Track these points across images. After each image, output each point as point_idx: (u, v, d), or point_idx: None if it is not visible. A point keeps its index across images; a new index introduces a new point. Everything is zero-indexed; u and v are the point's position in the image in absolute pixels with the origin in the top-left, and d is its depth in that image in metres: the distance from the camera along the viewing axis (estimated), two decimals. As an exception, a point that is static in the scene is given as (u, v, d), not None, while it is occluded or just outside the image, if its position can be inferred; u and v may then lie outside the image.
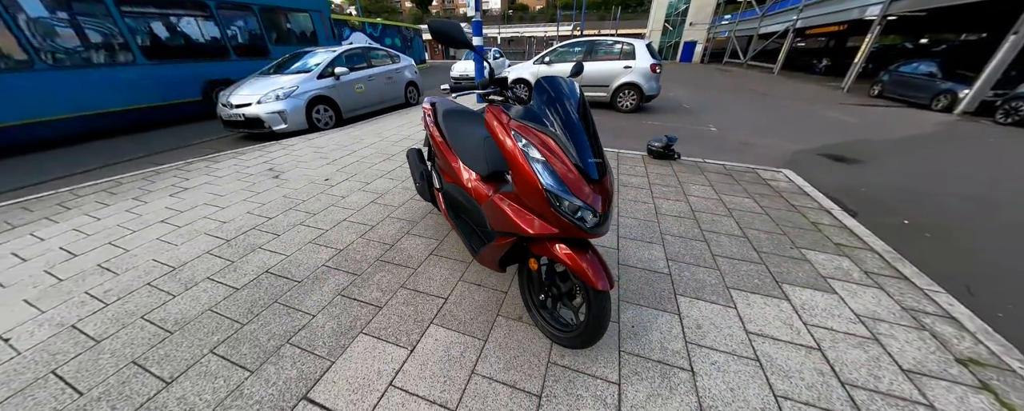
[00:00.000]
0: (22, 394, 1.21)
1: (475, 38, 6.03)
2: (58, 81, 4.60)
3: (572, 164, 1.02)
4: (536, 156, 1.03)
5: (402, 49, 16.86)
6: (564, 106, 1.09)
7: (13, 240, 2.21)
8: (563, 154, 1.03)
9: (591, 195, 1.01)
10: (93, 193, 2.94)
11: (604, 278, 1.08)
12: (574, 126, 1.06)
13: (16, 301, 1.66)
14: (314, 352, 1.34)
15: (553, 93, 1.11)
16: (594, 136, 1.09)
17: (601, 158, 1.07)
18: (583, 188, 1.01)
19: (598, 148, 1.08)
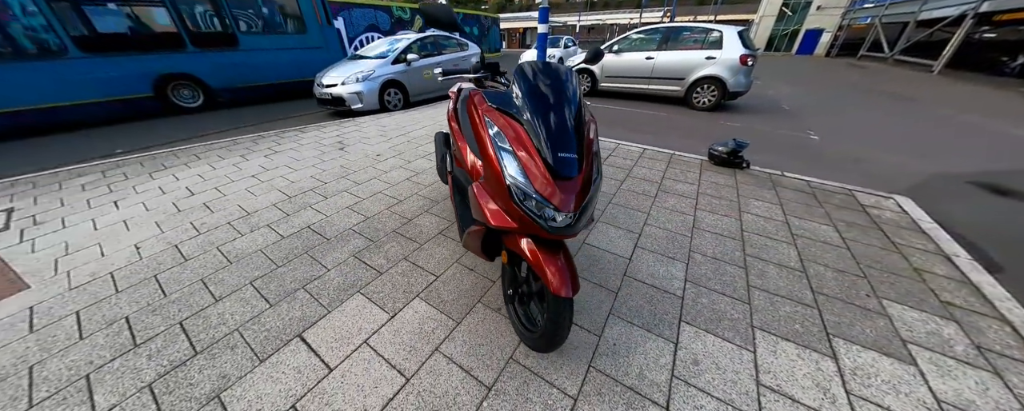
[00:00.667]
0: (134, 288, 1.66)
1: (541, 25, 5.89)
2: None
3: (540, 157, 0.95)
4: (503, 145, 0.98)
5: (479, 37, 17.42)
6: (545, 94, 1.02)
7: (160, 179, 2.99)
8: (532, 145, 0.96)
9: (556, 192, 0.93)
10: (215, 150, 3.78)
11: (567, 284, 1.00)
12: (552, 116, 0.98)
13: (150, 221, 2.27)
14: (319, 300, 1.55)
15: (535, 79, 1.04)
16: (577, 129, 1.00)
17: (576, 154, 0.97)
18: (548, 184, 0.93)
19: (578, 143, 0.98)
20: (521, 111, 1.01)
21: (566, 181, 0.95)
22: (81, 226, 2.26)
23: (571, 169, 0.96)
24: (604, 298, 1.53)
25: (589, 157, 1.03)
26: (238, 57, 5.90)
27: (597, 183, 1.05)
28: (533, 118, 0.98)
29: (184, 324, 1.45)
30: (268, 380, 1.19)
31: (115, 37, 4.91)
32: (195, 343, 1.35)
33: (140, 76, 5.10)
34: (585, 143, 1.05)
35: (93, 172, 3.19)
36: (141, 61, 5.08)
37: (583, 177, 0.99)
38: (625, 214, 2.24)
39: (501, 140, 1.00)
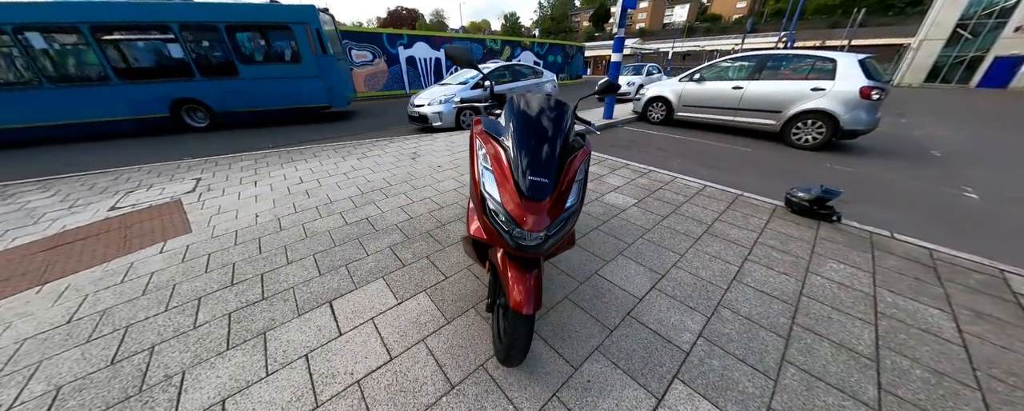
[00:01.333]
0: (244, 244, 2.26)
1: (615, 54, 5.94)
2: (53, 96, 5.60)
3: (512, 178, 1.05)
4: (486, 165, 1.11)
5: (562, 65, 18.16)
6: (529, 122, 1.12)
7: (287, 169, 3.96)
8: (508, 166, 1.07)
9: (524, 212, 1.01)
10: (327, 151, 4.81)
11: (529, 302, 1.05)
12: (531, 142, 1.08)
13: (269, 198, 3.04)
14: (352, 278, 1.87)
15: (523, 109, 1.15)
16: (557, 156, 1.07)
17: (549, 178, 1.04)
18: (517, 203, 1.02)
19: (548, 168, 1.05)
20: (506, 136, 1.13)
21: (535, 202, 1.02)
22: (230, 196, 3.16)
23: (541, 192, 1.03)
24: (596, 332, 1.47)
25: (566, 183, 1.08)
26: (238, 85, 6.50)
27: (572, 208, 1.09)
28: (513, 143, 1.09)
29: (263, 276, 1.92)
30: (298, 330, 1.51)
31: (142, 68, 6.08)
32: (265, 291, 1.78)
33: (160, 99, 6.17)
34: (566, 170, 1.11)
35: (249, 159, 4.41)
36: (160, 88, 6.13)
37: (554, 201, 1.04)
38: (654, 252, 2.09)
39: (485, 160, 1.13)
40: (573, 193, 1.10)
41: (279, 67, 6.68)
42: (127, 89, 5.99)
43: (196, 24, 6.02)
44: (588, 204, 2.76)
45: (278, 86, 6.77)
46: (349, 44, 10.89)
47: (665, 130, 6.12)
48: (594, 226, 2.40)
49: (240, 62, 6.44)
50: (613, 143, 5.21)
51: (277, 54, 6.74)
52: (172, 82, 6.18)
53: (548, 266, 1.91)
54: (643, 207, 2.71)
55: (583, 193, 1.19)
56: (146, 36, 5.91)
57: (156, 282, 1.91)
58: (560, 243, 1.15)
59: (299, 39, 6.55)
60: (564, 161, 1.11)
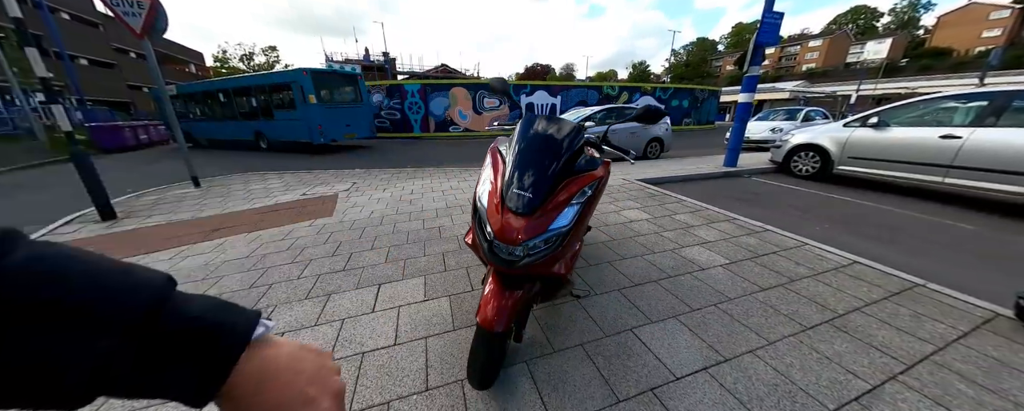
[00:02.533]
0: (356, 231, 2.95)
1: (742, 95, 5.14)
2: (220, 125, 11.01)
3: (500, 190, 1.07)
4: (488, 176, 1.17)
5: (689, 110, 16.69)
6: (530, 138, 1.14)
7: (407, 181, 4.99)
8: (499, 179, 1.10)
9: (502, 223, 1.01)
10: (440, 171, 5.82)
11: (497, 319, 1.01)
12: (526, 158, 1.09)
13: (386, 200, 3.89)
14: (404, 271, 2.17)
15: (529, 127, 1.18)
16: (544, 172, 1.05)
17: (531, 193, 1.01)
18: (496, 214, 1.03)
19: (535, 184, 1.03)
20: (510, 151, 1.17)
21: (517, 216, 1.01)
22: (366, 196, 4.20)
23: (524, 206, 1.01)
24: (598, 396, 1.22)
25: (556, 202, 1.03)
26: (273, 123, 9.66)
27: (560, 230, 1.01)
28: (511, 157, 1.12)
29: (352, 254, 2.45)
30: (349, 301, 1.84)
31: (244, 112, 10.44)
32: (347, 265, 2.27)
33: (250, 130, 10.32)
34: (561, 190, 1.06)
35: (390, 172, 5.78)
36: (250, 124, 10.28)
37: (537, 217, 1.00)
38: (724, 327, 1.59)
39: (489, 173, 1.19)
40: (565, 215, 1.04)
41: (286, 112, 9.22)
42: (241, 123, 10.54)
43: (255, 86, 9.78)
44: (659, 253, 2.36)
45: (288, 125, 9.28)
46: (483, 94, 13.29)
47: (815, 187, 4.70)
48: (653, 278, 2.03)
49: (274, 108, 9.56)
50: (727, 194, 4.35)
51: (286, 103, 9.16)
52: (253, 121, 10.23)
53: (574, 309, 1.73)
54: (734, 271, 2.12)
55: (581, 219, 1.10)
56: (244, 94, 10.23)
57: (297, 244, 2.70)
58: (549, 270, 1.07)
59: (294, 93, 8.69)
60: (560, 180, 1.07)
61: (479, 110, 13.57)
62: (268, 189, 4.95)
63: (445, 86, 13.42)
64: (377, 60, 31.62)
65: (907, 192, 4.31)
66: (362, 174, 5.79)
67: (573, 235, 1.08)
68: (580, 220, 1.10)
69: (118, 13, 3.93)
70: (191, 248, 2.77)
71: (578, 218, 1.07)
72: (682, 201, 3.67)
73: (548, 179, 1.05)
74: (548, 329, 1.55)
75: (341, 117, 9.35)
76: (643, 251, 2.41)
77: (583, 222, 1.14)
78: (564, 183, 1.09)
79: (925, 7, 55.19)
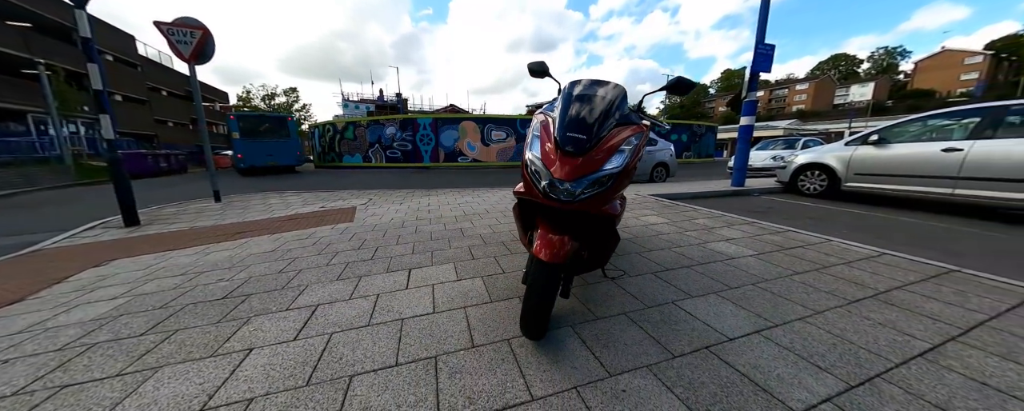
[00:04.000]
0: (376, 230, 2.99)
1: (744, 117, 5.41)
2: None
3: (553, 135, 1.15)
4: (536, 133, 1.25)
5: (688, 144, 17.32)
6: (578, 96, 1.25)
7: (423, 198, 5.11)
8: (551, 130, 1.19)
9: (556, 162, 1.08)
10: (450, 191, 5.96)
11: (549, 251, 1.04)
12: (575, 109, 1.19)
13: (405, 211, 3.96)
14: (432, 259, 2.17)
15: (575, 88, 1.30)
16: (598, 122, 1.14)
17: (584, 134, 1.09)
18: (552, 157, 1.10)
19: (587, 127, 1.11)
20: (555, 109, 1.27)
21: (570, 157, 1.08)
22: (384, 208, 4.28)
23: (577, 146, 1.08)
24: (652, 352, 1.18)
25: (608, 147, 1.11)
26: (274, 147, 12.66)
27: (611, 171, 1.07)
28: (560, 109, 1.22)
29: (377, 248, 2.47)
30: (381, 282, 1.84)
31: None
32: (374, 256, 2.28)
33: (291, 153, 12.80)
34: (611, 136, 1.14)
35: (404, 191, 5.92)
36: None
37: (589, 158, 1.07)
38: (768, 300, 1.56)
39: (536, 130, 1.28)
40: (616, 158, 1.11)
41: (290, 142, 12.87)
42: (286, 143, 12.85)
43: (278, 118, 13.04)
44: (686, 247, 2.36)
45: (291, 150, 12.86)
46: (491, 127, 14.02)
47: (825, 202, 4.74)
48: (684, 265, 2.02)
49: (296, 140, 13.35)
50: (740, 208, 4.39)
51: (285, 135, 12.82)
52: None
53: (610, 287, 1.71)
54: (765, 259, 2.11)
55: (631, 166, 1.16)
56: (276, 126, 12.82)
57: (321, 241, 2.73)
58: (601, 208, 1.12)
59: (291, 129, 12.86)
60: (609, 127, 1.16)
61: (487, 142, 14.15)
62: (287, 203, 5.06)
63: (456, 120, 14.18)
64: (390, 100, 33.73)
65: (919, 205, 4.34)
66: (377, 193, 5.93)
67: (623, 177, 1.13)
68: (629, 167, 1.16)
69: (172, 41, 4.38)
70: (214, 246, 2.80)
71: (627, 164, 1.14)
72: (699, 210, 3.71)
73: (599, 125, 1.14)
74: (587, 302, 1.52)
75: (263, 149, 12.00)
76: (669, 245, 2.41)
77: (631, 170, 1.20)
78: (613, 131, 1.17)
79: (901, 55, 59.37)
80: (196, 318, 1.52)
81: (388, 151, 14.24)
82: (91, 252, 2.84)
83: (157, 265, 2.36)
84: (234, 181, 9.49)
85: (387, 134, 14.19)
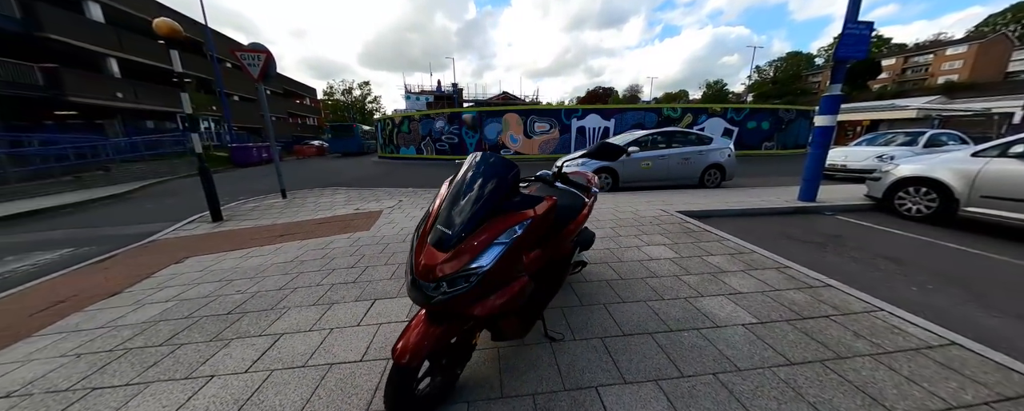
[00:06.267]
0: (381, 245, 3.28)
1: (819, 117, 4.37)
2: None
3: (429, 224, 1.11)
4: (430, 208, 1.21)
5: (770, 132, 14.64)
6: (465, 174, 1.17)
7: (443, 201, 5.36)
8: (437, 207, 1.14)
9: (418, 256, 1.04)
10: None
11: (407, 352, 1.03)
12: (454, 193, 1.13)
13: (417, 220, 4.22)
14: (403, 289, 2.31)
15: (466, 166, 1.22)
16: (466, 209, 1.06)
17: (449, 229, 1.03)
18: (419, 247, 1.07)
19: (454, 220, 1.05)
20: (448, 188, 1.21)
21: (435, 251, 1.03)
22: (405, 213, 4.62)
23: (441, 241, 1.03)
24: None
25: (477, 241, 1.03)
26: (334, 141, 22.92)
27: (477, 271, 1.00)
28: (447, 196, 1.16)
29: (365, 271, 2.71)
30: (343, 314, 2.04)
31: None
32: (357, 280, 2.51)
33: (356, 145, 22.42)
34: (485, 229, 1.06)
35: (431, 193, 6.27)
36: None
37: (454, 256, 1.01)
38: (717, 407, 1.32)
39: (436, 198, 1.24)
40: (487, 254, 1.03)
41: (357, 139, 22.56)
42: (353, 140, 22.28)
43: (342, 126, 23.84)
44: (668, 301, 2.10)
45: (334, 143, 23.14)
46: (534, 119, 13.74)
47: (927, 232, 3.66)
48: (648, 329, 1.80)
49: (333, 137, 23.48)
50: (794, 234, 3.66)
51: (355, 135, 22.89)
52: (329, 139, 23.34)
53: (543, 352, 1.63)
54: (758, 334, 1.76)
55: (508, 260, 1.07)
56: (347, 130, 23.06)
57: (329, 253, 3.10)
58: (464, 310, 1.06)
59: (356, 132, 23.09)
60: (485, 218, 1.08)
61: (529, 134, 13.96)
62: (332, 202, 5.78)
63: (499, 112, 14.24)
64: (447, 90, 35.19)
65: (1087, 249, 3.08)
66: (410, 193, 6.40)
67: (495, 275, 1.06)
68: (507, 261, 1.08)
69: (244, 65, 5.21)
70: (256, 250, 3.38)
71: (504, 258, 1.06)
72: (724, 240, 3.21)
73: (469, 216, 1.07)
74: (505, 370, 1.48)
75: (341, 143, 22.71)
76: (650, 296, 2.16)
77: (511, 263, 1.11)
78: (490, 221, 1.09)
79: None
80: (200, 333, 1.89)
81: (437, 144, 15.04)
82: (179, 248, 3.66)
83: (210, 267, 2.96)
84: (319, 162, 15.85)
85: (437, 128, 14.95)
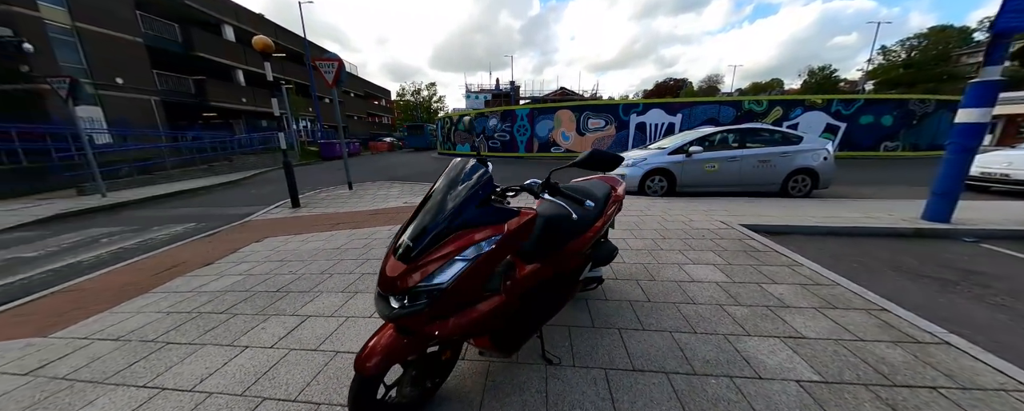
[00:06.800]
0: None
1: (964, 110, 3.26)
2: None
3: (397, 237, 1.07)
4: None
5: (893, 128, 11.57)
6: (437, 188, 1.10)
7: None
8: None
9: (385, 267, 1.01)
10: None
11: (368, 362, 1.01)
12: (423, 203, 1.08)
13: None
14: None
15: (442, 175, 1.14)
16: (429, 220, 1.01)
17: (412, 241, 0.97)
18: (387, 258, 1.03)
19: (417, 232, 0.99)
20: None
21: (398, 263, 0.98)
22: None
23: (402, 253, 0.98)
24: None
25: (437, 256, 0.96)
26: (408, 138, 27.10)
27: (434, 288, 0.93)
28: (419, 207, 1.11)
29: (395, 261, 2.88)
30: (362, 303, 2.17)
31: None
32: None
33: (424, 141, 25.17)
34: (448, 242, 0.98)
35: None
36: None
37: (413, 270, 0.95)
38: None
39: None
40: (446, 271, 0.96)
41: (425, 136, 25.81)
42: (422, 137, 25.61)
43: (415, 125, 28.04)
44: (700, 335, 1.76)
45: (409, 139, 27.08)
46: (589, 115, 13.12)
47: None
48: (666, 368, 1.50)
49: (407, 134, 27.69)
50: (907, 265, 2.80)
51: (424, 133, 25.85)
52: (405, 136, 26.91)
53: (533, 376, 1.50)
54: (817, 396, 1.34)
55: (474, 278, 0.98)
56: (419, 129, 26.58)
57: (370, 243, 3.37)
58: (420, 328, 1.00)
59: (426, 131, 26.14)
60: (451, 231, 0.99)
61: (582, 131, 13.39)
62: (387, 195, 6.32)
63: (552, 109, 13.94)
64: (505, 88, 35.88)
65: None
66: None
67: (456, 295, 0.98)
68: (470, 279, 0.99)
69: (321, 72, 5.97)
70: (315, 236, 3.84)
71: (466, 277, 0.97)
72: (797, 266, 2.60)
73: (433, 227, 1.00)
74: (490, 389, 1.39)
75: (413, 139, 25.98)
76: (678, 326, 1.83)
77: (476, 281, 1.02)
78: (457, 235, 1.01)
79: None
80: (251, 307, 2.20)
81: (490, 141, 15.40)
82: (262, 229, 4.37)
83: (277, 248, 3.45)
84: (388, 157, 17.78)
85: (490, 125, 15.31)
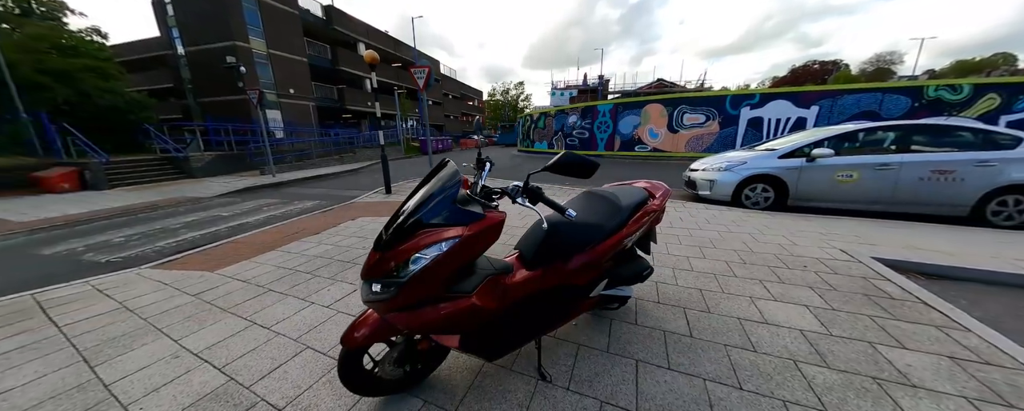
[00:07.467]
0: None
1: None
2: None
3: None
4: None
5: None
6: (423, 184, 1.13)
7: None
8: None
9: (369, 255, 1.09)
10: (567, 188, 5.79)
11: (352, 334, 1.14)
12: (413, 194, 1.12)
13: (506, 212, 4.47)
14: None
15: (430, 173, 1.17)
16: (409, 212, 1.06)
17: (388, 230, 1.04)
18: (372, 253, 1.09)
19: (395, 222, 1.05)
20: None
21: (375, 252, 1.06)
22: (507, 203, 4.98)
23: (378, 243, 1.06)
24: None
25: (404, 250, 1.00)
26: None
27: (401, 277, 0.99)
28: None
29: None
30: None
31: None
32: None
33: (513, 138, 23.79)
34: (420, 235, 1.01)
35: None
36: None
37: (382, 260, 1.02)
38: None
39: None
40: (410, 265, 1.00)
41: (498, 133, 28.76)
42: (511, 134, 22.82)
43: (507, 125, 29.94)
44: (747, 395, 1.39)
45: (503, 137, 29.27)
46: (685, 109, 11.46)
47: None
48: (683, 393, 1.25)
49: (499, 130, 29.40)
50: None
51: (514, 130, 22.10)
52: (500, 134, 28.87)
53: (523, 387, 1.44)
54: None
55: (432, 277, 1.00)
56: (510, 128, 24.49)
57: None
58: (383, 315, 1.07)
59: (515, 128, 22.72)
60: (418, 228, 1.02)
61: (676, 128, 11.79)
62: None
63: (639, 103, 12.71)
64: (592, 83, 34.35)
65: None
66: (520, 185, 6.82)
67: (416, 290, 1.01)
68: (428, 277, 1.00)
69: (414, 77, 6.83)
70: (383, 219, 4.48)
71: (425, 274, 0.99)
72: (955, 329, 1.75)
73: (404, 222, 1.04)
74: (474, 387, 1.40)
75: (505, 137, 27.99)
76: (719, 374, 1.44)
77: (434, 280, 1.02)
78: (424, 232, 1.03)
79: None
80: (327, 272, 2.73)
81: (567, 139, 15.07)
82: (361, 209, 5.31)
83: (364, 226, 4.16)
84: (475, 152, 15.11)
85: (569, 122, 14.96)
